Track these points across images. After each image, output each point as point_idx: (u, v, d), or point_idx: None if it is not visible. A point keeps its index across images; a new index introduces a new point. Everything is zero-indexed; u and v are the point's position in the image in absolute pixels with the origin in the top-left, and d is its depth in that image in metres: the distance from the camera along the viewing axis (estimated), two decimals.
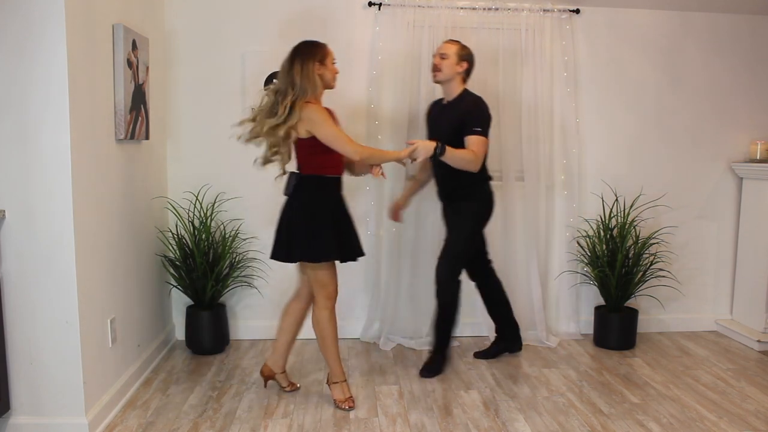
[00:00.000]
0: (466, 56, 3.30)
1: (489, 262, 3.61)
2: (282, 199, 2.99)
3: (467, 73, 3.34)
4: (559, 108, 3.90)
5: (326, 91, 2.92)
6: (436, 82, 3.35)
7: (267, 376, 3.13)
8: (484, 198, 3.39)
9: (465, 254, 3.40)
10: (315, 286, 2.90)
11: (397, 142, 3.77)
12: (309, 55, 2.83)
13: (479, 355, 3.65)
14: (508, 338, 3.66)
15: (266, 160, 2.89)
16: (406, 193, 3.65)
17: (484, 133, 3.24)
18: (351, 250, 2.94)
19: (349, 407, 2.95)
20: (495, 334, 3.71)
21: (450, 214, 3.45)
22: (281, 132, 2.76)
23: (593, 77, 4.00)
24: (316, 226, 2.83)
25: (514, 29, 3.81)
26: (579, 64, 3.95)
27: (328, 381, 3.04)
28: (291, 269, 3.87)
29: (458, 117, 3.26)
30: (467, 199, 3.37)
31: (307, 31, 3.76)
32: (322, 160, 2.85)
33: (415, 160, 3.05)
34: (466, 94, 3.32)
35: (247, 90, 3.77)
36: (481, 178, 3.35)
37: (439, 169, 3.36)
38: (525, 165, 3.87)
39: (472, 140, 3.20)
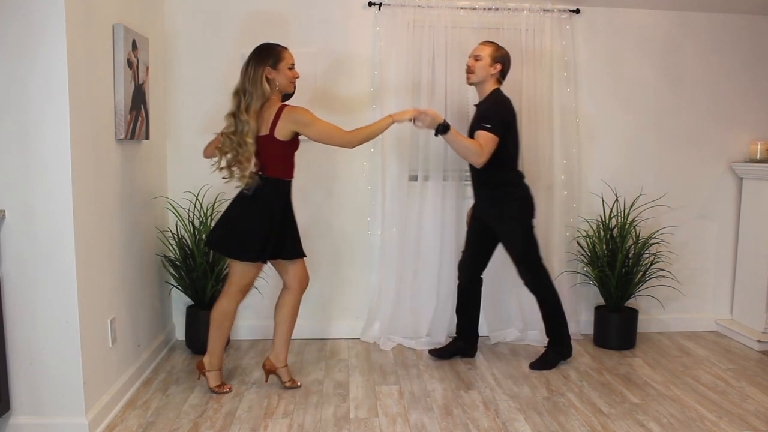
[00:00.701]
0: (500, 58, 3.29)
1: (481, 278, 3.62)
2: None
3: (502, 74, 3.33)
4: (559, 108, 3.90)
5: (324, 92, 2.93)
6: (470, 83, 3.37)
7: (269, 370, 3.16)
8: (522, 196, 3.39)
9: (532, 252, 3.39)
10: (237, 281, 2.99)
11: (397, 142, 3.77)
12: (260, 59, 2.85)
13: (434, 353, 3.61)
14: (467, 341, 3.64)
15: (231, 171, 2.92)
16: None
17: (494, 130, 3.18)
18: (290, 250, 3.02)
19: (228, 389, 3.08)
20: (455, 335, 3.67)
21: (497, 222, 3.40)
22: (249, 138, 2.80)
23: (593, 77, 4.00)
24: (263, 227, 2.89)
25: (514, 29, 3.81)
26: (579, 64, 3.95)
27: (201, 368, 3.10)
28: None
29: (479, 116, 3.27)
30: (505, 201, 3.37)
31: (307, 31, 3.78)
32: (286, 164, 2.93)
33: (417, 123, 3.07)
34: (492, 94, 3.30)
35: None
36: (514, 177, 3.38)
37: (473, 173, 3.40)
38: (525, 165, 3.86)
39: (480, 134, 3.18)
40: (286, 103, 2.92)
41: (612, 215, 3.89)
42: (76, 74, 2.48)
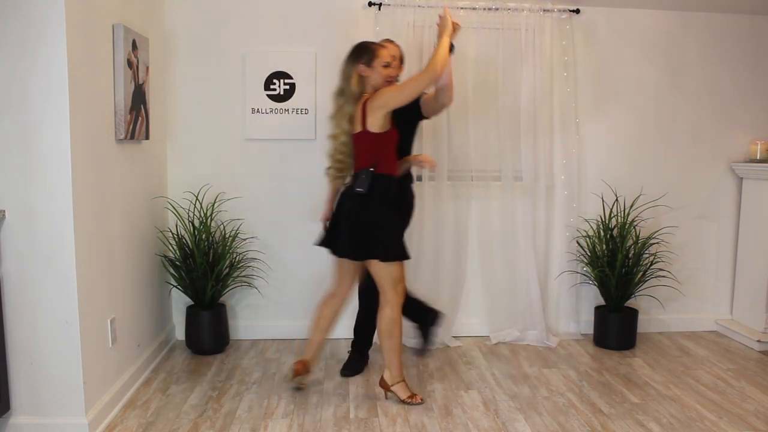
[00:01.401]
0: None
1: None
2: (286, 197, 2.99)
3: None
4: (559, 108, 3.89)
5: (324, 92, 2.94)
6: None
7: (303, 371, 3.08)
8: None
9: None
10: (387, 284, 2.87)
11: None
12: (354, 57, 2.88)
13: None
14: (422, 318, 3.36)
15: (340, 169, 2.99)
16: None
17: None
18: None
19: (421, 400, 2.98)
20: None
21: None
22: (337, 139, 2.89)
23: (593, 77, 3.99)
24: (394, 225, 2.88)
25: (514, 29, 3.81)
26: (579, 64, 3.95)
27: (383, 384, 3.00)
28: (291, 269, 3.89)
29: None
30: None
31: (307, 31, 3.79)
32: (393, 160, 2.91)
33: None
34: None
35: (246, 90, 3.78)
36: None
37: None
38: (525, 165, 3.87)
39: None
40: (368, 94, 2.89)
41: (612, 215, 3.89)
42: (76, 74, 2.48)
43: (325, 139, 3.15)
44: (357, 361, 3.43)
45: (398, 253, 2.87)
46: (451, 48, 2.94)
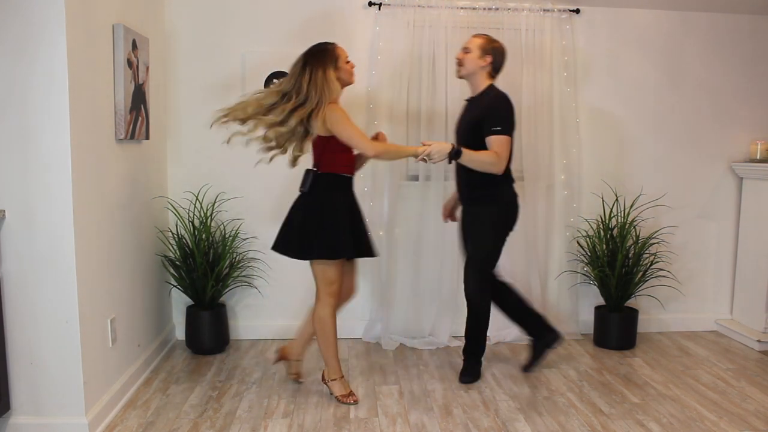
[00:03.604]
0: (491, 50, 3.12)
1: (501, 281, 3.41)
2: (286, 197, 2.99)
3: (494, 68, 3.15)
4: (559, 108, 3.89)
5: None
6: (459, 77, 3.22)
7: (281, 356, 3.21)
8: (505, 201, 3.19)
9: (490, 262, 3.22)
10: (321, 283, 2.93)
11: (397, 143, 3.77)
12: (322, 62, 2.85)
13: (527, 368, 3.41)
14: (539, 335, 3.38)
15: (271, 152, 2.95)
16: (455, 194, 3.45)
17: (506, 131, 3.03)
18: (366, 248, 3.00)
19: (354, 401, 2.98)
20: (528, 338, 3.45)
21: (468, 221, 3.27)
22: (284, 128, 2.83)
23: (593, 77, 4.00)
24: (332, 224, 2.86)
25: (514, 29, 3.81)
26: (579, 64, 3.95)
27: (324, 379, 3.07)
28: (291, 269, 3.88)
29: (477, 115, 3.10)
30: (485, 203, 3.18)
31: (307, 31, 3.78)
32: (339, 159, 2.90)
33: (430, 161, 2.97)
34: (488, 90, 3.13)
35: (247, 90, 3.76)
36: (501, 179, 3.13)
37: (457, 169, 3.23)
38: (525, 165, 3.87)
39: (493, 141, 3.02)
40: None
41: (612, 215, 3.89)
42: (76, 74, 2.48)
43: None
44: (473, 366, 3.34)
45: (327, 252, 2.86)
46: (457, 155, 2.98)
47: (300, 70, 2.85)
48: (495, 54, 3.14)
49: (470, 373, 3.31)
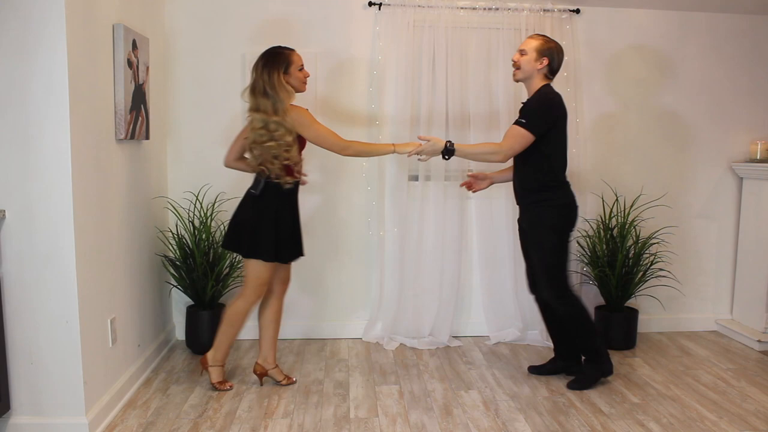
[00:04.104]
0: (547, 51, 3.03)
1: None
2: None
3: (550, 70, 3.07)
4: None
5: (324, 92, 2.94)
6: (516, 80, 3.13)
7: (260, 373, 3.18)
8: (563, 204, 3.09)
9: (560, 268, 3.10)
10: (252, 281, 2.98)
11: (398, 143, 3.77)
12: (273, 65, 2.88)
13: (533, 369, 3.39)
14: (565, 358, 3.34)
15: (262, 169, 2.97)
16: (493, 174, 3.37)
17: (528, 126, 2.94)
18: (295, 251, 3.08)
19: (230, 387, 3.12)
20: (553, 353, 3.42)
21: (526, 227, 3.17)
22: (291, 151, 2.90)
23: (593, 77, 4.00)
24: (278, 228, 2.95)
25: (514, 29, 3.81)
26: (579, 64, 3.95)
27: (203, 361, 3.13)
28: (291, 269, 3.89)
29: (520, 112, 3.05)
30: (543, 207, 3.08)
31: (308, 31, 3.79)
32: (289, 168, 2.94)
33: (421, 158, 2.98)
34: (540, 89, 3.05)
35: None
36: (557, 182, 3.07)
37: (515, 170, 3.16)
38: None
39: (509, 130, 2.99)
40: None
41: (612, 215, 3.89)
42: (76, 74, 2.48)
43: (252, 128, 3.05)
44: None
45: (259, 252, 2.94)
46: (450, 152, 2.99)
47: (258, 72, 2.89)
48: (552, 55, 3.06)
49: (583, 380, 3.21)
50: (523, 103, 3.14)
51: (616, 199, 3.96)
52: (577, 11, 3.89)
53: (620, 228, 3.83)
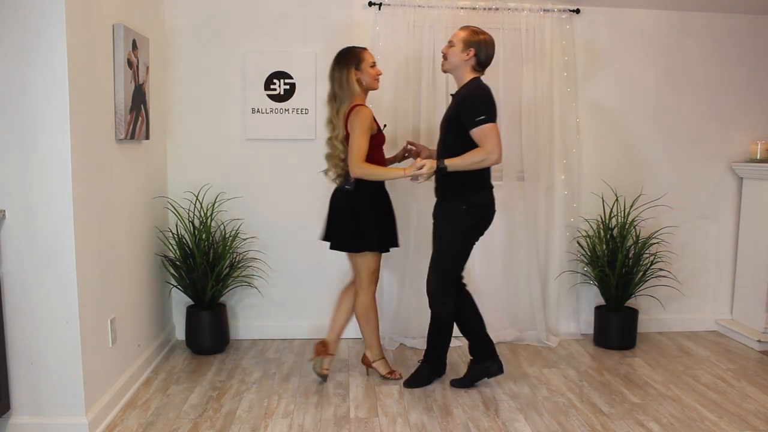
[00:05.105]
0: (475, 43, 2.96)
1: (463, 284, 3.24)
2: (286, 197, 2.99)
3: (478, 62, 2.99)
4: (559, 108, 3.89)
5: (324, 92, 2.97)
6: (444, 71, 3.11)
7: (320, 352, 3.22)
8: (480, 204, 3.04)
9: (452, 269, 3.10)
10: (364, 272, 3.14)
11: (398, 143, 3.77)
12: (344, 63, 3.06)
13: (455, 383, 3.22)
14: (483, 359, 3.20)
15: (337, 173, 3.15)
16: (430, 150, 3.29)
17: (489, 119, 2.87)
18: (395, 239, 3.24)
19: (399, 376, 3.27)
20: (469, 357, 3.28)
21: (436, 217, 3.12)
22: (338, 141, 3.08)
23: (593, 77, 3.99)
24: (378, 218, 3.10)
25: (514, 29, 3.81)
26: (579, 64, 3.95)
27: (366, 361, 3.29)
28: (291, 269, 3.89)
29: (453, 108, 3.00)
30: (459, 203, 3.01)
31: (307, 31, 3.79)
32: (376, 156, 3.07)
33: (420, 180, 2.97)
34: (470, 82, 3.00)
35: (247, 90, 3.78)
36: (480, 182, 3.02)
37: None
38: (525, 165, 3.87)
39: (478, 133, 2.86)
40: (357, 103, 3.06)
41: (612, 215, 3.89)
42: (76, 74, 2.48)
43: (325, 138, 3.19)
44: (425, 371, 3.27)
45: (368, 244, 3.08)
46: (445, 169, 2.95)
47: (330, 74, 3.09)
48: (479, 47, 2.98)
49: (417, 377, 3.22)
50: (452, 94, 3.11)
51: (616, 199, 3.96)
52: (577, 11, 3.89)
53: (620, 228, 3.83)
